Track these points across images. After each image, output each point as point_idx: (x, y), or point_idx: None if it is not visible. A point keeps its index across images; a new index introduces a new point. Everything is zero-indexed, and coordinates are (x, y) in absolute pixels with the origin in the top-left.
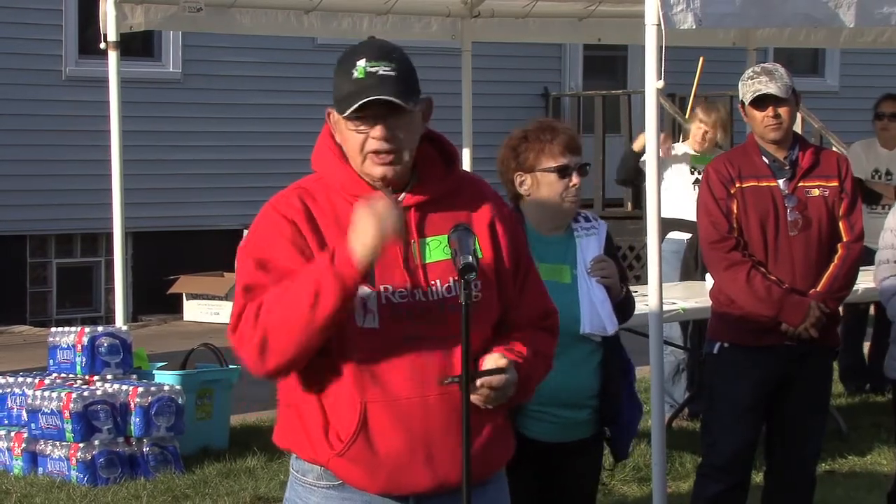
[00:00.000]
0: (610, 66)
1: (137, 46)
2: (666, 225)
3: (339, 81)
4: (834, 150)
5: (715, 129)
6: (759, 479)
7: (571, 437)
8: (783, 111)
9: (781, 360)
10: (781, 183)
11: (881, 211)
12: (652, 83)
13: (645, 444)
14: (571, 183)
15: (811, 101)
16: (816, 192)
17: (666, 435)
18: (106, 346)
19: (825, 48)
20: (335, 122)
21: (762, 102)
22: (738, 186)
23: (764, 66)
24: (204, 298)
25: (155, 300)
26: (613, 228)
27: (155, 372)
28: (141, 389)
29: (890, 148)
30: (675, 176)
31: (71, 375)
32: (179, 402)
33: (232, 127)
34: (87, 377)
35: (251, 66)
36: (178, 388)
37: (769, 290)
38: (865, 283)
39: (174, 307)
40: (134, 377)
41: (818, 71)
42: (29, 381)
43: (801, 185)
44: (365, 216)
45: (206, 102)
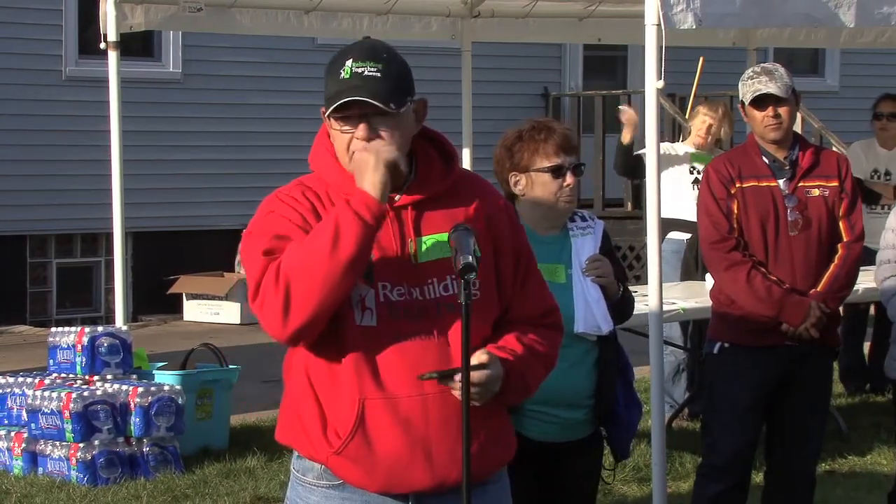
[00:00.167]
0: (610, 66)
1: (137, 46)
2: (666, 225)
3: (327, 80)
4: (834, 150)
5: (721, 122)
6: (759, 479)
7: (569, 436)
8: (783, 111)
9: (782, 360)
10: (782, 183)
11: (881, 211)
12: (652, 83)
13: (645, 444)
14: (566, 183)
15: (811, 100)
16: (816, 192)
17: (666, 435)
18: (106, 346)
19: (825, 48)
20: (327, 120)
21: (762, 102)
22: (738, 186)
23: (764, 65)
24: (204, 298)
25: (155, 300)
26: (613, 228)
27: (155, 372)
28: (141, 389)
29: (889, 148)
30: (674, 176)
31: (71, 375)
32: (179, 402)
33: (232, 127)
34: (87, 377)
35: (251, 66)
36: (178, 388)
37: (769, 290)
38: (865, 283)
39: (174, 307)
40: (134, 377)
41: (818, 71)
42: (29, 381)
43: (801, 185)
44: (362, 159)
45: (205, 102)
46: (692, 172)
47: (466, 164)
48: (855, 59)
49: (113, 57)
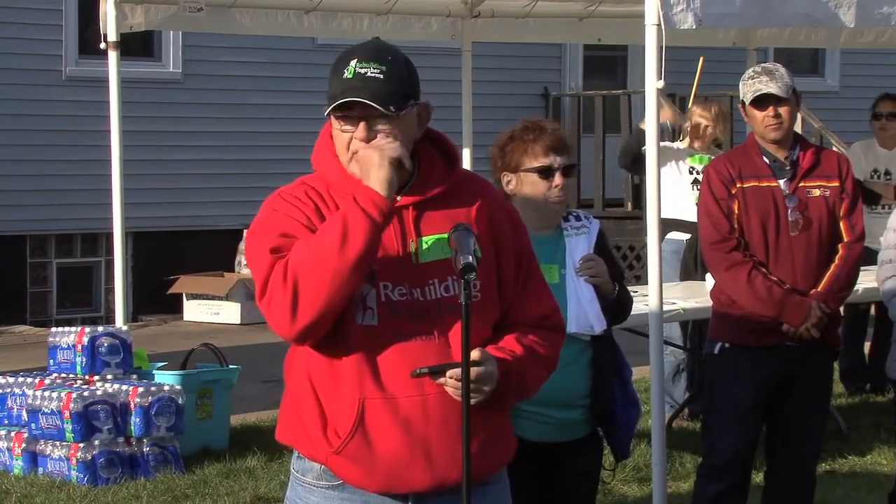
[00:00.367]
0: (610, 66)
1: (137, 46)
2: (665, 225)
3: (331, 79)
4: (834, 150)
5: (716, 122)
6: (759, 479)
7: (566, 437)
8: (784, 111)
9: (782, 360)
10: (782, 183)
11: (881, 211)
12: (652, 83)
13: (645, 444)
14: (555, 183)
15: (811, 100)
16: (817, 192)
17: (666, 435)
18: (106, 346)
19: (825, 48)
20: (331, 119)
21: (763, 102)
22: (738, 187)
23: (764, 65)
24: (204, 298)
25: (155, 300)
26: (613, 228)
27: (155, 372)
28: (141, 389)
29: (889, 148)
30: (673, 176)
31: (71, 375)
32: (179, 402)
33: (232, 127)
34: (87, 377)
35: (251, 66)
36: (178, 388)
37: (770, 290)
38: (866, 283)
39: (174, 307)
40: (134, 377)
41: (818, 71)
42: (29, 381)
43: (801, 185)
44: (366, 157)
45: (206, 102)
46: (691, 173)
47: (466, 164)
48: (855, 59)
49: (113, 57)
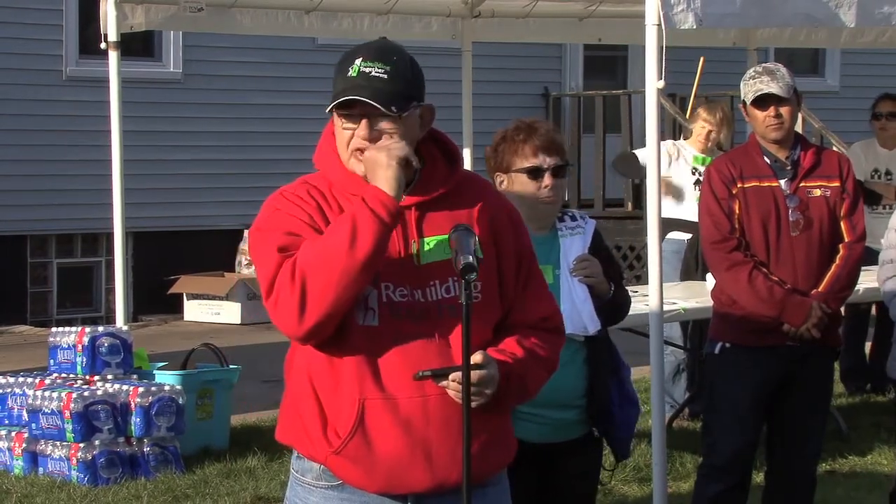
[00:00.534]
0: (610, 66)
1: (138, 46)
2: (666, 225)
3: (335, 77)
4: (835, 150)
5: (720, 128)
6: (759, 479)
7: (562, 437)
8: (784, 111)
9: (783, 360)
10: (783, 183)
11: (882, 211)
12: (652, 83)
13: (645, 444)
14: (544, 184)
15: (811, 100)
16: (818, 192)
17: (666, 435)
18: (106, 346)
19: (825, 48)
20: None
21: (764, 102)
22: (739, 186)
23: (766, 65)
24: (204, 298)
25: (155, 300)
26: (614, 228)
27: (155, 372)
28: (141, 389)
29: (889, 148)
30: (676, 175)
31: (71, 375)
32: (180, 402)
33: (232, 127)
34: (87, 377)
35: (252, 66)
36: (178, 388)
37: (771, 290)
38: (867, 283)
39: (174, 307)
40: (134, 377)
41: (818, 71)
42: (29, 381)
43: (802, 185)
44: (373, 157)
45: (206, 102)
46: (694, 174)
47: (467, 164)
48: (855, 59)
49: (113, 57)
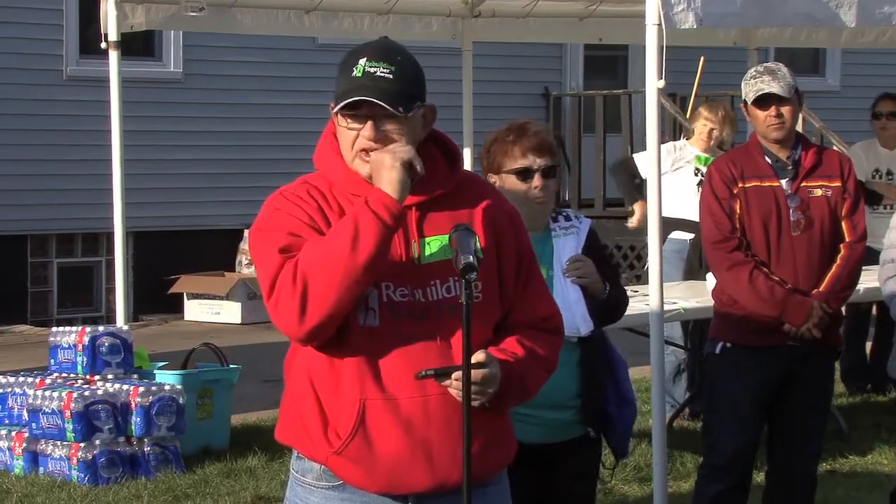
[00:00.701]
0: (611, 65)
1: (138, 46)
2: (669, 225)
3: (339, 77)
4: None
5: (722, 125)
6: (760, 478)
7: (559, 437)
8: (786, 111)
9: (784, 360)
10: (784, 183)
11: (883, 211)
12: (653, 83)
13: (646, 443)
14: (534, 185)
15: (812, 100)
16: (819, 192)
17: (667, 435)
18: (107, 345)
19: (826, 48)
20: (335, 117)
21: (765, 102)
22: (740, 186)
23: (767, 65)
24: (205, 298)
25: (156, 300)
26: (614, 228)
27: (156, 371)
28: (142, 389)
29: (890, 148)
30: (678, 178)
31: (72, 375)
32: (180, 401)
33: (233, 127)
34: (87, 377)
35: (252, 65)
36: (178, 387)
37: (772, 290)
38: (867, 282)
39: (175, 307)
40: (135, 377)
41: (819, 70)
42: (30, 380)
43: (803, 184)
44: (378, 159)
45: (206, 102)
46: (696, 175)
47: (467, 164)
48: (856, 58)
49: (114, 56)
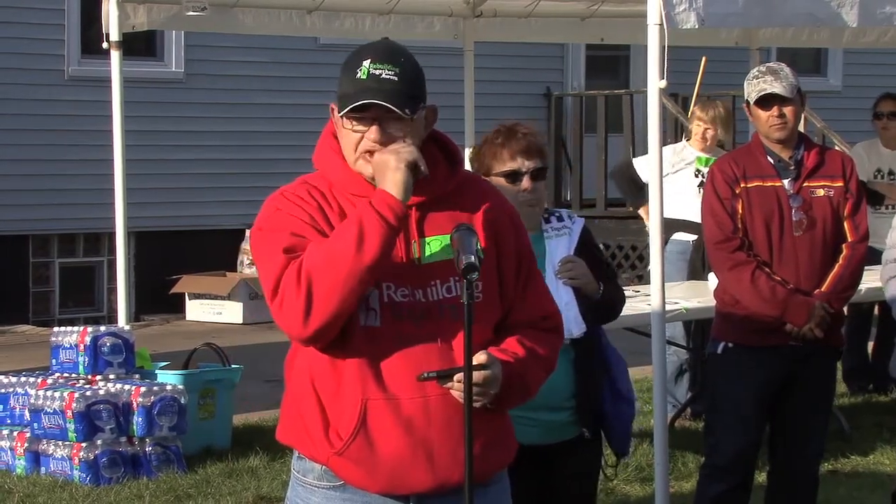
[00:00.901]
0: (612, 65)
1: (140, 46)
2: (672, 226)
3: (343, 78)
4: (837, 149)
5: (714, 125)
6: (762, 478)
7: (556, 438)
8: (788, 111)
9: (786, 360)
10: (786, 183)
11: (885, 211)
12: (654, 83)
13: (647, 443)
14: (523, 187)
15: (814, 100)
16: (821, 192)
17: (668, 435)
18: (108, 345)
19: (828, 48)
20: (336, 118)
21: (767, 102)
22: (742, 186)
23: (769, 65)
24: (206, 298)
25: (157, 300)
26: (616, 228)
27: (157, 371)
28: (143, 389)
29: (892, 148)
30: (678, 179)
31: (73, 375)
32: (182, 401)
33: (234, 127)
34: (89, 377)
35: (254, 65)
36: (180, 387)
37: (774, 290)
38: (869, 282)
39: (177, 307)
40: (136, 377)
41: (821, 70)
42: (31, 380)
43: (805, 185)
44: (382, 160)
45: (208, 102)
46: (697, 176)
47: (468, 164)
48: (857, 58)
49: (115, 56)
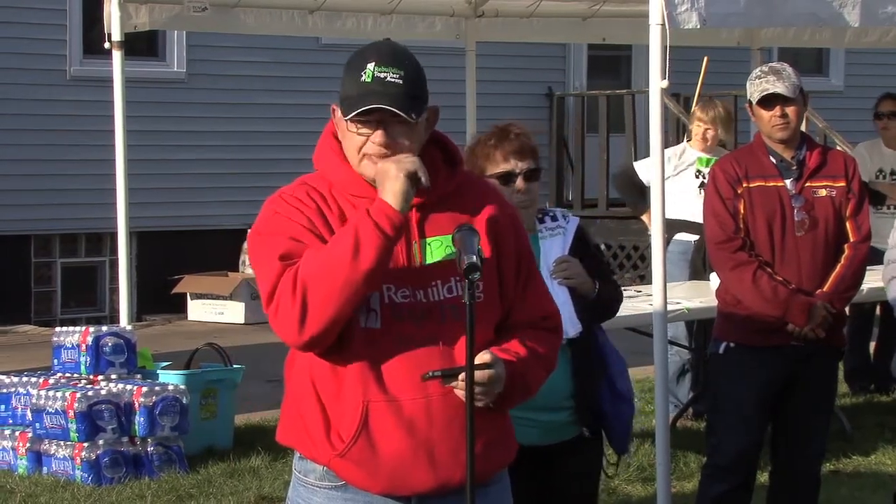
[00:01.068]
0: (614, 65)
1: (142, 46)
2: (674, 226)
3: (346, 81)
4: (839, 149)
5: (714, 125)
6: (763, 478)
7: (555, 439)
8: (790, 111)
9: (787, 360)
10: (788, 183)
11: (887, 211)
12: (656, 83)
13: (649, 443)
14: (516, 188)
15: (815, 100)
16: (823, 192)
17: (670, 435)
18: (110, 345)
19: (830, 48)
20: (338, 119)
21: (769, 102)
22: (745, 186)
23: (772, 65)
24: (208, 298)
25: (159, 300)
26: (617, 228)
27: (159, 371)
28: (145, 389)
29: (894, 148)
30: (680, 181)
31: (75, 375)
32: (184, 401)
33: (236, 127)
34: (91, 377)
35: (255, 65)
36: (182, 387)
37: (775, 290)
38: (871, 282)
39: (178, 307)
40: (138, 377)
41: (822, 70)
42: (33, 380)
43: (808, 185)
44: (383, 169)
45: (210, 102)
46: (697, 176)
47: None
48: (859, 58)
49: (117, 57)
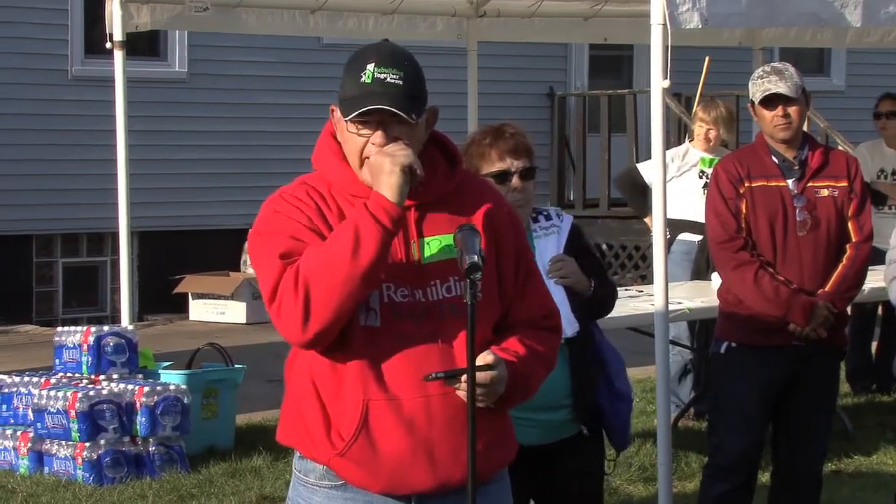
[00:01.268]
0: (616, 65)
1: (143, 46)
2: (677, 226)
3: (346, 81)
4: (841, 149)
5: (716, 125)
6: (765, 478)
7: (555, 438)
8: (793, 111)
9: (789, 360)
10: (790, 183)
11: (888, 212)
12: (658, 83)
13: (650, 443)
14: (512, 187)
15: (817, 100)
16: (825, 192)
17: (672, 434)
18: (112, 345)
19: (831, 48)
20: (337, 120)
21: (772, 102)
22: (747, 186)
23: (774, 65)
24: (210, 298)
25: (161, 300)
26: (619, 228)
27: (161, 371)
28: (147, 389)
29: (895, 147)
30: (683, 181)
31: (77, 375)
32: (185, 401)
33: (238, 126)
34: (92, 377)
35: (257, 65)
36: (183, 387)
37: (777, 290)
38: (873, 282)
39: (180, 307)
40: (140, 377)
41: (824, 70)
42: (35, 380)
43: (810, 185)
44: (377, 163)
45: (211, 102)
46: (701, 177)
47: None
48: (861, 58)
49: (119, 56)
